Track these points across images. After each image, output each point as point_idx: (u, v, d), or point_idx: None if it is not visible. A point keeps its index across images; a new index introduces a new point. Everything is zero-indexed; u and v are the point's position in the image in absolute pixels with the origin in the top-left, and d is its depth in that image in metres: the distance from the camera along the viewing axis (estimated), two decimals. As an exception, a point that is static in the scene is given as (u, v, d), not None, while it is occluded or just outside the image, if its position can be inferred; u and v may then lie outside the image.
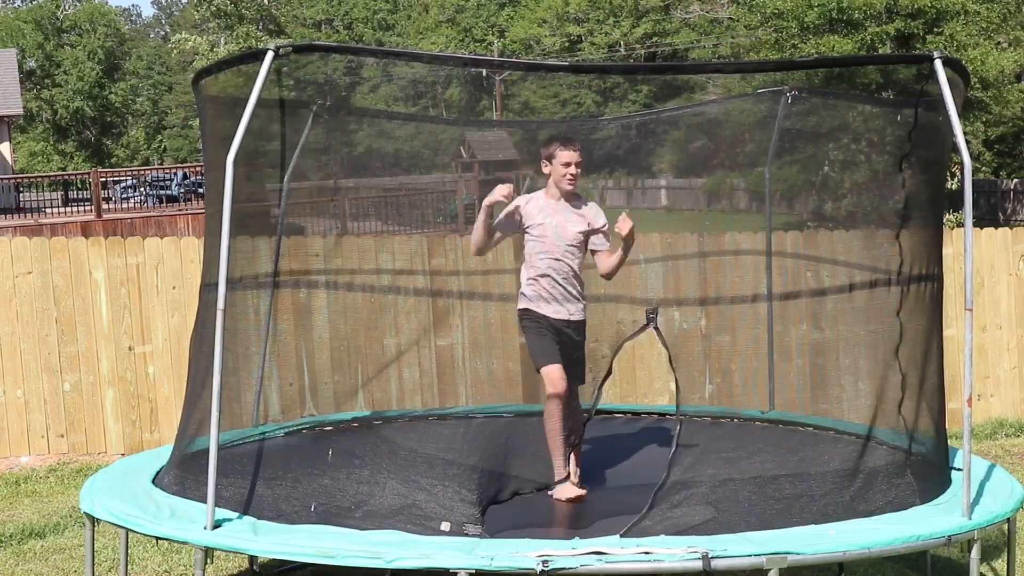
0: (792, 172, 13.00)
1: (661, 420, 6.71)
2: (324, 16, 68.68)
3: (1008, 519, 4.72)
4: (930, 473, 4.95)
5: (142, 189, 31.52)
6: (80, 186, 36.04)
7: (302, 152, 6.34)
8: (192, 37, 47.07)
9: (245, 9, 46.88)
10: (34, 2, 66.87)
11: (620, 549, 4.14)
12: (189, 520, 4.57)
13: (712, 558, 4.03)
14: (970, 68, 20.35)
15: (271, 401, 6.60)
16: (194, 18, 54.62)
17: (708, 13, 47.49)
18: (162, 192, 30.92)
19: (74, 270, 8.67)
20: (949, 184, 24.66)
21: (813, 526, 4.43)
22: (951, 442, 5.26)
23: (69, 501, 7.46)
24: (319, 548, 4.25)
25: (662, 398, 8.74)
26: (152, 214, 25.96)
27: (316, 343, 7.39)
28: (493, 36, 56.45)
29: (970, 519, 4.44)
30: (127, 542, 5.31)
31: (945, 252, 6.34)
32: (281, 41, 6.67)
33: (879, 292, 5.76)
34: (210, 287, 5.01)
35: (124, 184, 33.91)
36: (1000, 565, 5.73)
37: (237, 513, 4.63)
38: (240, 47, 41.58)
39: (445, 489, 4.97)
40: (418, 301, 8.09)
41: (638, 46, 49.59)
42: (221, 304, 4.43)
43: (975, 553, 4.43)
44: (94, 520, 4.96)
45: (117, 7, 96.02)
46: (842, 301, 6.79)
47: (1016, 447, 8.76)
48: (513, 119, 44.01)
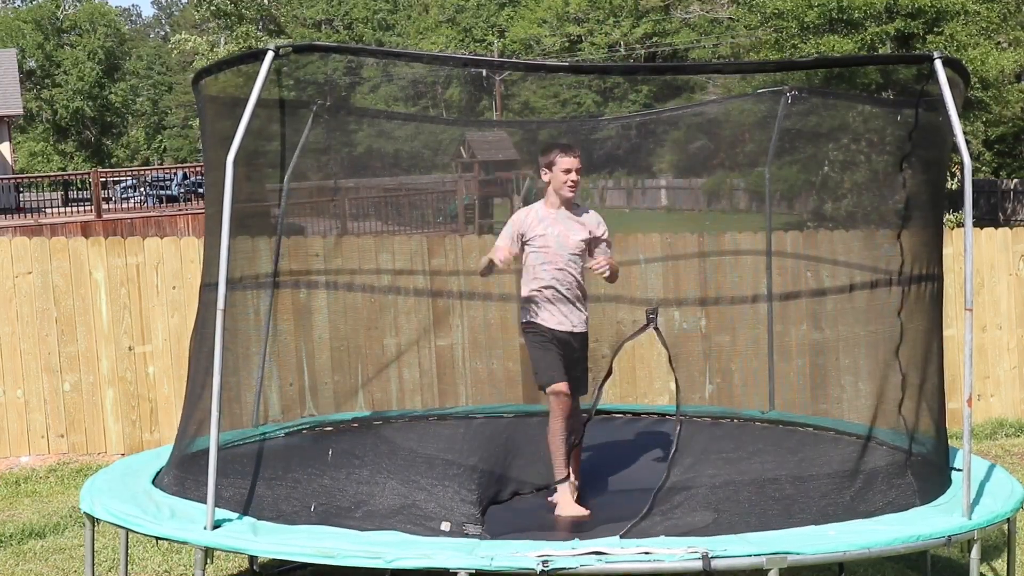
0: (792, 172, 12.99)
1: (661, 420, 6.71)
2: (324, 16, 68.68)
3: (1008, 519, 4.72)
4: (930, 473, 4.95)
5: (142, 189, 31.52)
6: (80, 186, 36.03)
7: (302, 152, 6.34)
8: (192, 37, 47.05)
9: (245, 9, 46.84)
10: (34, 2, 66.88)
11: (620, 549, 4.14)
12: (189, 520, 4.57)
13: (712, 558, 4.03)
14: (970, 68, 20.35)
15: (271, 401, 6.60)
16: (194, 18, 54.60)
17: (708, 13, 47.48)
18: (162, 192, 30.91)
19: (74, 270, 8.67)
20: (949, 184, 24.65)
21: (813, 527, 4.43)
22: (951, 442, 5.25)
23: (69, 501, 7.46)
24: (319, 548, 4.25)
25: (662, 398, 8.74)
26: (152, 214, 25.97)
27: (316, 343, 7.39)
28: (493, 36, 56.44)
29: (970, 519, 4.44)
30: (127, 542, 5.31)
31: (945, 252, 6.33)
32: (281, 41, 6.66)
33: (879, 292, 5.76)
34: (210, 287, 5.01)
35: (124, 184, 33.90)
36: (1000, 565, 5.73)
37: (237, 513, 4.63)
38: (240, 47, 41.56)
39: (445, 489, 4.97)
40: (418, 301, 8.09)
41: (638, 46, 49.58)
42: (221, 304, 4.44)
43: (975, 553, 4.43)
44: (94, 520, 4.96)
45: (117, 7, 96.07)
46: (842, 301, 6.79)
47: (1016, 447, 8.76)
48: (513, 119, 44.00)
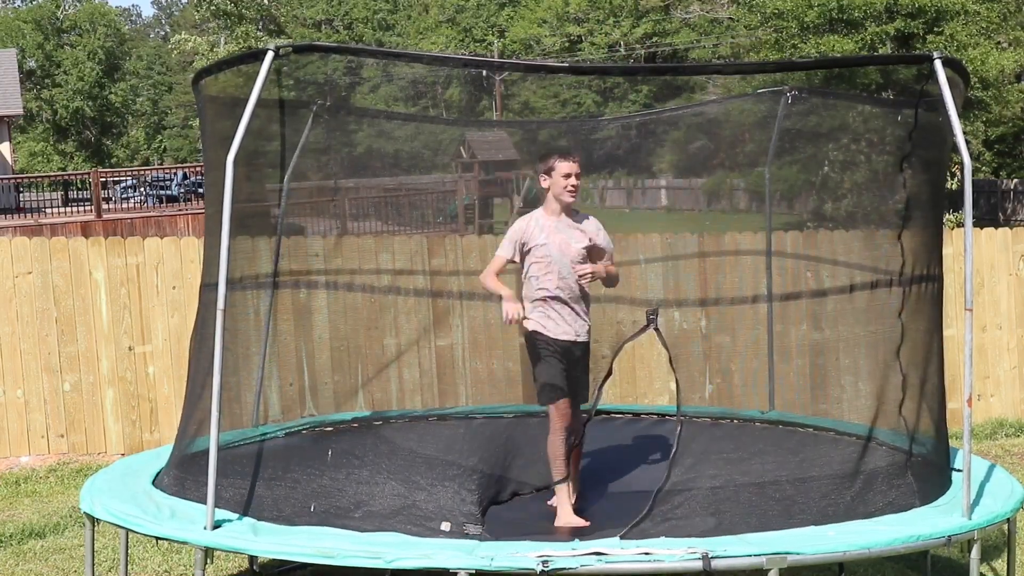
0: (792, 172, 12.99)
1: (661, 421, 6.70)
2: (324, 16, 68.69)
3: (1008, 519, 4.72)
4: (930, 474, 4.95)
5: (142, 189, 31.51)
6: (80, 186, 36.02)
7: (302, 152, 6.34)
8: (192, 37, 47.04)
9: (245, 9, 46.81)
10: (34, 2, 66.87)
11: (620, 550, 4.14)
12: (189, 520, 4.57)
13: (712, 558, 4.03)
14: (970, 68, 20.37)
15: (271, 401, 6.60)
16: (194, 18, 54.59)
17: (708, 13, 47.47)
18: (162, 192, 30.90)
19: (74, 270, 8.67)
20: (949, 184, 24.66)
21: (813, 527, 4.43)
22: (951, 442, 5.25)
23: (69, 501, 7.46)
24: (319, 548, 4.25)
25: (662, 398, 8.74)
26: (152, 214, 25.96)
27: (316, 343, 7.39)
28: (493, 36, 56.44)
29: (970, 519, 4.44)
30: (127, 542, 5.31)
31: (945, 252, 6.34)
32: (281, 41, 6.66)
33: (879, 292, 5.76)
34: (210, 287, 5.01)
35: (124, 184, 33.88)
36: (1000, 565, 5.73)
37: (237, 514, 4.63)
38: (240, 47, 41.53)
39: (445, 489, 4.97)
40: (418, 301, 8.09)
41: (638, 46, 49.58)
42: (221, 304, 4.44)
43: (975, 553, 4.43)
44: (94, 520, 4.96)
45: (117, 7, 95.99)
46: (842, 301, 6.78)
47: (1016, 447, 8.76)
48: (513, 119, 44.00)
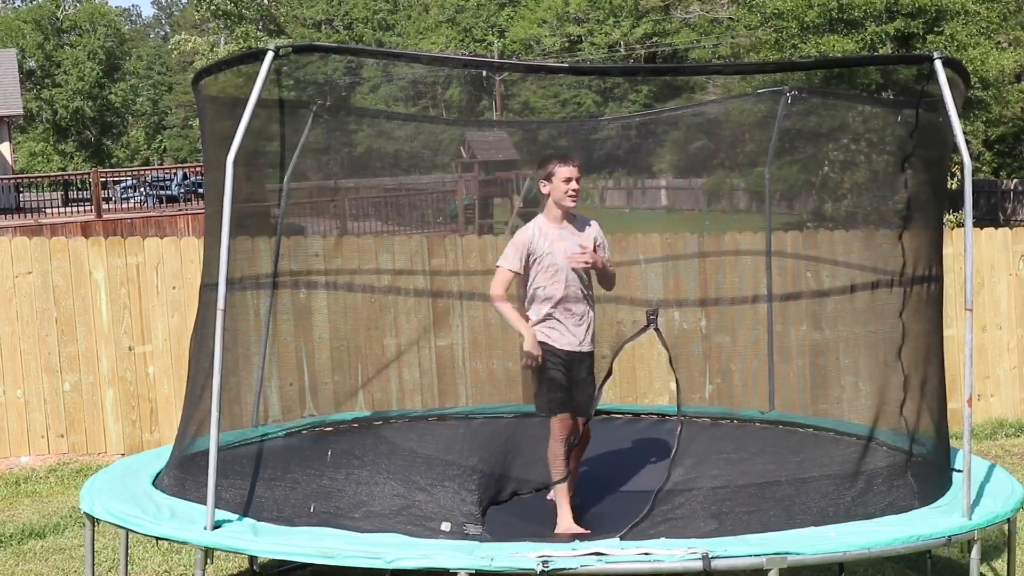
0: (792, 172, 12.99)
1: (661, 421, 6.71)
2: (324, 16, 68.68)
3: (1008, 519, 4.71)
4: (931, 474, 4.94)
5: (142, 189, 31.52)
6: (80, 186, 36.02)
7: (302, 152, 6.34)
8: (192, 37, 47.06)
9: (245, 9, 46.82)
10: (34, 2, 66.87)
11: (620, 550, 4.14)
12: (189, 520, 4.57)
13: (712, 559, 4.03)
14: (970, 68, 20.37)
15: (271, 402, 6.60)
16: (194, 18, 54.58)
17: (708, 13, 47.47)
18: (162, 192, 30.91)
19: (74, 270, 8.67)
20: (949, 184, 24.65)
21: (813, 527, 4.43)
22: (951, 442, 5.25)
23: (69, 501, 7.46)
24: (319, 548, 4.25)
25: (662, 398, 8.74)
26: (152, 214, 25.96)
27: (316, 343, 7.38)
28: (493, 36, 56.44)
29: (970, 519, 4.44)
30: (127, 542, 5.31)
31: (945, 252, 6.33)
32: (281, 41, 6.66)
33: (880, 293, 5.76)
34: (210, 287, 5.00)
35: (124, 184, 33.88)
36: (1000, 565, 5.73)
37: (237, 514, 4.63)
38: (240, 47, 41.53)
39: (445, 489, 4.97)
40: (418, 301, 8.09)
41: (638, 46, 49.58)
42: (221, 304, 4.43)
43: (975, 553, 4.43)
44: (94, 520, 4.96)
45: (117, 7, 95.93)
46: (842, 302, 6.78)
47: (1016, 447, 8.76)
48: (513, 119, 44.01)
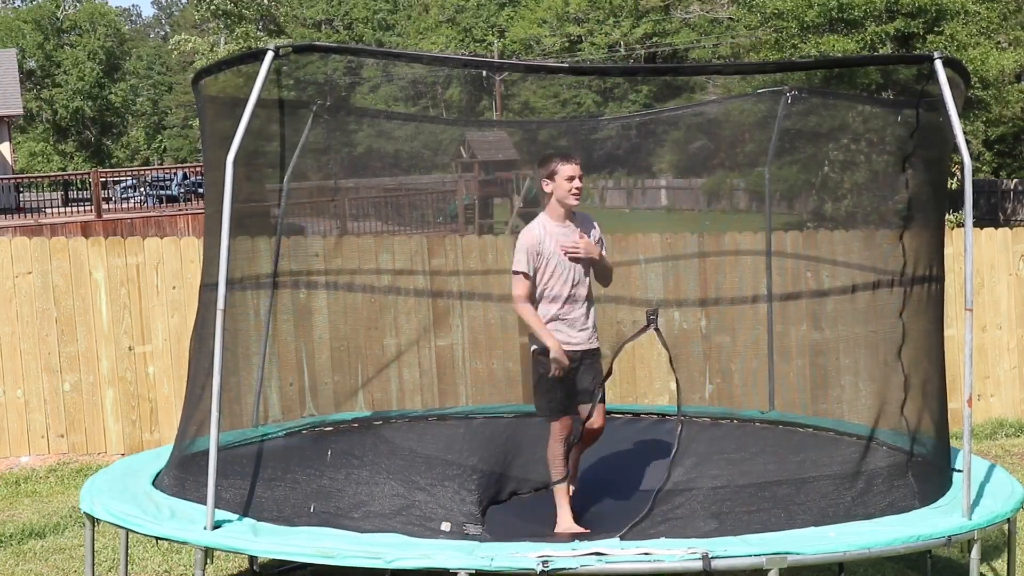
0: (792, 172, 13.00)
1: (661, 421, 6.70)
2: (324, 16, 68.68)
3: (1008, 519, 4.71)
4: (931, 474, 4.94)
5: (142, 189, 31.52)
6: (80, 186, 36.00)
7: (302, 152, 6.34)
8: (192, 38, 47.06)
9: (245, 9, 46.82)
10: (34, 2, 66.86)
11: (620, 550, 4.14)
12: (189, 520, 4.57)
13: (712, 558, 4.03)
14: (970, 68, 20.36)
15: (271, 402, 6.60)
16: (194, 18, 54.58)
17: (708, 13, 47.48)
18: (162, 192, 30.91)
19: (74, 270, 8.67)
20: (949, 184, 24.64)
21: (813, 527, 4.43)
22: (951, 442, 5.25)
23: (69, 501, 7.46)
24: (319, 548, 4.25)
25: (662, 398, 8.74)
26: (152, 214, 25.96)
27: (316, 343, 7.38)
28: (493, 36, 56.44)
29: (970, 519, 4.44)
30: (127, 542, 5.30)
31: (945, 252, 6.33)
32: (281, 41, 6.66)
33: (880, 293, 5.75)
34: (210, 287, 5.00)
35: (124, 184, 33.88)
36: (1000, 565, 5.73)
37: (237, 514, 4.63)
38: (240, 47, 41.53)
39: (445, 489, 4.97)
40: (418, 301, 8.08)
41: (638, 46, 49.58)
42: (221, 304, 4.43)
43: (975, 553, 4.43)
44: (94, 520, 4.96)
45: (117, 7, 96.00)
46: (842, 302, 6.78)
47: (1016, 447, 8.76)
48: (513, 119, 44.01)
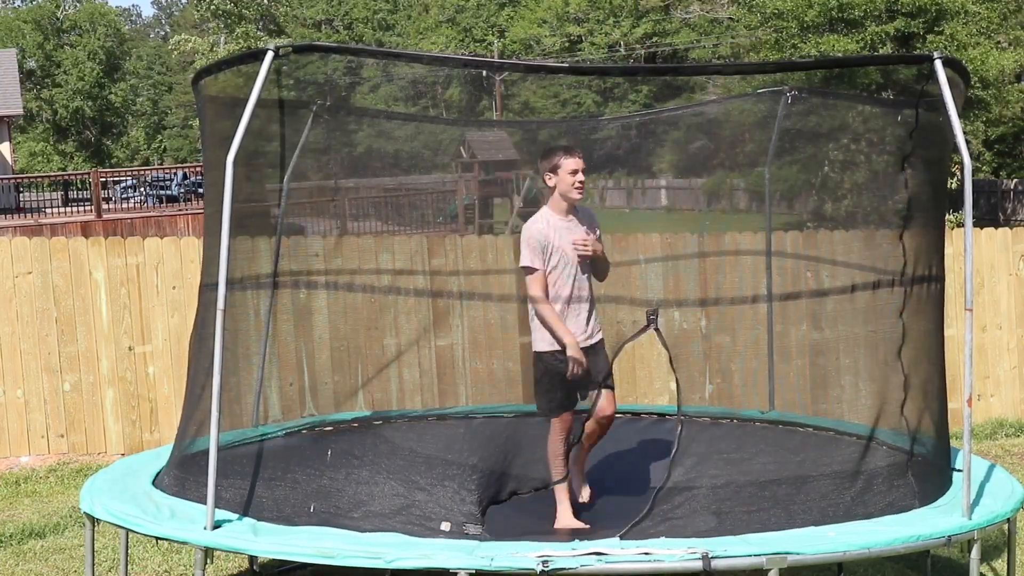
0: (792, 172, 13.00)
1: (661, 421, 6.70)
2: (324, 16, 68.69)
3: (1008, 519, 4.71)
4: (931, 474, 4.94)
5: (142, 189, 31.51)
6: (80, 186, 35.98)
7: (302, 152, 6.34)
8: (192, 38, 47.08)
9: (245, 9, 46.84)
10: (34, 2, 66.86)
11: (620, 550, 4.14)
12: (189, 520, 4.56)
13: (712, 558, 4.03)
14: (970, 68, 20.35)
15: (271, 402, 6.60)
16: (194, 18, 54.60)
17: (708, 13, 47.48)
18: (162, 192, 30.91)
19: (74, 270, 8.67)
20: (949, 184, 24.64)
21: (813, 527, 4.43)
22: (951, 442, 5.25)
23: (69, 501, 7.46)
24: (319, 548, 4.25)
25: (662, 398, 8.74)
26: (152, 214, 25.96)
27: (316, 343, 7.38)
28: (493, 36, 56.45)
29: (970, 519, 4.44)
30: (127, 542, 5.30)
31: (945, 252, 6.33)
32: (281, 41, 6.66)
33: (880, 293, 5.75)
34: (210, 287, 5.00)
35: (124, 184, 33.88)
36: (1000, 565, 5.72)
37: (237, 514, 4.63)
38: (240, 47, 41.55)
39: (445, 489, 4.97)
40: (418, 301, 8.08)
41: (638, 46, 49.59)
42: (221, 304, 4.43)
43: (975, 553, 4.43)
44: (94, 520, 4.96)
45: (117, 7, 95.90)
46: (842, 301, 6.78)
47: (1016, 447, 8.75)
48: (513, 119, 44.01)
